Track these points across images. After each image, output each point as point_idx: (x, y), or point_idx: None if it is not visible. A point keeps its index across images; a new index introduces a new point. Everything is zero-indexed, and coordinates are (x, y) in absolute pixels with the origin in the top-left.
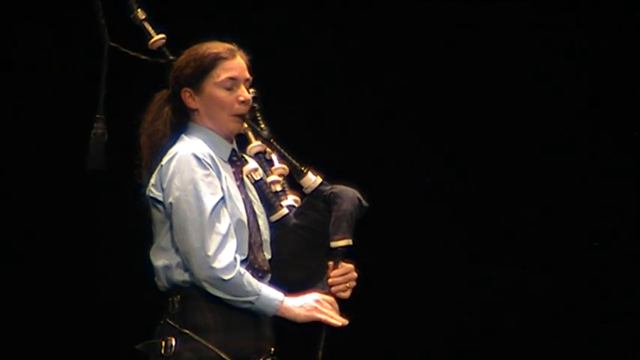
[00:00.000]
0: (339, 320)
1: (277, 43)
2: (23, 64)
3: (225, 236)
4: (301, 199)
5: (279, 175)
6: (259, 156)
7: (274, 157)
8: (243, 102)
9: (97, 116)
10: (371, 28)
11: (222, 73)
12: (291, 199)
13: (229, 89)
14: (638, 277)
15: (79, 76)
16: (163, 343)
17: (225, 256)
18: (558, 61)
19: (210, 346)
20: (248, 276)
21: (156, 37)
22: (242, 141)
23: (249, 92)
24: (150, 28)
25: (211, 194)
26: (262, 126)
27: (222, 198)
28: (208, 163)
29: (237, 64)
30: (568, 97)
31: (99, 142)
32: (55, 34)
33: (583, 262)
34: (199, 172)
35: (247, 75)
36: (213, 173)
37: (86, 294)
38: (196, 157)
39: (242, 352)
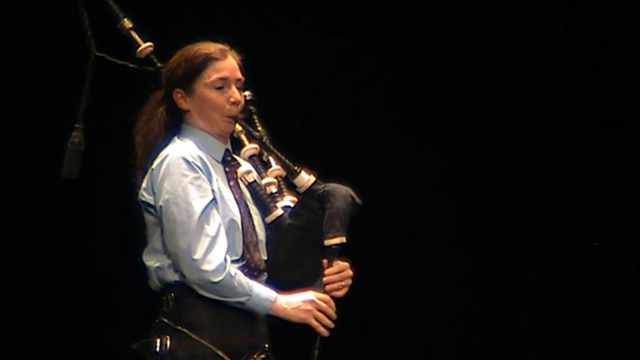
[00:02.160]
0: (329, 325)
1: (272, 43)
2: (10, 68)
3: (215, 238)
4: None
5: (276, 177)
6: (253, 159)
7: (271, 159)
8: (234, 103)
9: (76, 125)
10: (368, 27)
11: (213, 74)
12: (287, 200)
13: (220, 90)
14: (639, 277)
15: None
16: (158, 342)
17: (214, 257)
18: (558, 61)
19: (205, 343)
20: (240, 276)
21: (143, 46)
22: (236, 143)
23: (241, 93)
24: (137, 37)
25: (200, 197)
26: (259, 128)
27: (213, 200)
28: (198, 166)
29: (228, 65)
30: (568, 97)
31: (75, 151)
32: (43, 42)
33: (583, 262)
34: (189, 175)
35: (239, 75)
36: (203, 176)
37: (84, 294)
38: (186, 160)
39: (237, 348)
